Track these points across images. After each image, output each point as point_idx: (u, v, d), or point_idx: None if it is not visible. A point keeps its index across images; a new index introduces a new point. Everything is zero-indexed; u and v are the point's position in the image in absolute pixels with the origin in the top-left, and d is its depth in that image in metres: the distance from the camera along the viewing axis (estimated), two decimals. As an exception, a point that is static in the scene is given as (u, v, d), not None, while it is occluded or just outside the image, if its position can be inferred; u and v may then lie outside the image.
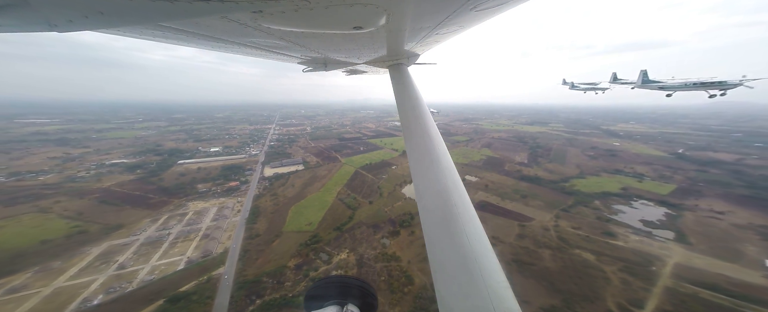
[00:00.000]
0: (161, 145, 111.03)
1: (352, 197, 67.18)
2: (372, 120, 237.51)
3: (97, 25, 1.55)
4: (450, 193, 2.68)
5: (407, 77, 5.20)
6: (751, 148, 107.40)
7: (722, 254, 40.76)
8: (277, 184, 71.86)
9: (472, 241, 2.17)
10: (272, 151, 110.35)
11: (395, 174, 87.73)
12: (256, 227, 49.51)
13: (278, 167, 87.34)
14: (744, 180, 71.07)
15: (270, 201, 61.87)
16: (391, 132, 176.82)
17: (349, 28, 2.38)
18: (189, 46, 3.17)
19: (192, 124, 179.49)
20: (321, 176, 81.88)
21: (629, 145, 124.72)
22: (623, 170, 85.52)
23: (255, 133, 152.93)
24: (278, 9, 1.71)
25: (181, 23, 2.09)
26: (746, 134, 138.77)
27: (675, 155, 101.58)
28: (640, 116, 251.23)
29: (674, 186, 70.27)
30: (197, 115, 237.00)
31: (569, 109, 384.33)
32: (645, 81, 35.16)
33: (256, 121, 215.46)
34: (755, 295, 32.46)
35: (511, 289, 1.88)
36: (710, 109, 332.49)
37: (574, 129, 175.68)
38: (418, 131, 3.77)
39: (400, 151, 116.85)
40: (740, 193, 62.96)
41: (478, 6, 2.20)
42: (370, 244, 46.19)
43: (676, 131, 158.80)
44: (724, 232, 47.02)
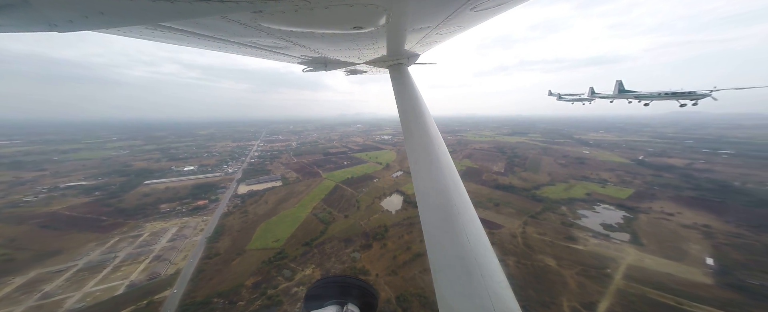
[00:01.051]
0: (130, 166, 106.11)
1: (327, 212, 66.16)
2: (360, 134, 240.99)
3: (97, 25, 1.57)
4: (450, 193, 2.67)
5: (407, 77, 5.15)
6: (700, 154, 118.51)
7: (669, 254, 43.14)
8: (249, 202, 69.77)
9: (472, 241, 2.16)
10: (251, 168, 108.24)
11: (376, 187, 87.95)
12: (217, 246, 47.12)
13: (254, 184, 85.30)
14: (691, 183, 77.51)
15: (238, 219, 59.61)
16: (377, 146, 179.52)
17: (349, 28, 2.39)
18: (189, 46, 3.13)
19: (170, 143, 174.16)
20: (298, 192, 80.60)
21: (597, 152, 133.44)
22: (589, 177, 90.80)
23: (236, 150, 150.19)
24: (278, 9, 1.72)
25: (181, 23, 2.09)
26: (696, 141, 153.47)
27: (635, 161, 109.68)
28: (609, 126, 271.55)
29: (632, 190, 75.11)
30: (178, 133, 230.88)
31: (547, 120, 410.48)
32: (621, 91, 36.28)
33: (240, 137, 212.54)
34: (697, 292, 34.10)
35: (511, 289, 1.88)
36: (669, 119, 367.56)
37: (550, 139, 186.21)
38: (418, 131, 3.73)
39: (384, 165, 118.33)
40: (688, 195, 68.26)
41: (478, 6, 2.20)
42: (339, 259, 45.00)
43: (638, 139, 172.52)
44: (672, 233, 50.11)
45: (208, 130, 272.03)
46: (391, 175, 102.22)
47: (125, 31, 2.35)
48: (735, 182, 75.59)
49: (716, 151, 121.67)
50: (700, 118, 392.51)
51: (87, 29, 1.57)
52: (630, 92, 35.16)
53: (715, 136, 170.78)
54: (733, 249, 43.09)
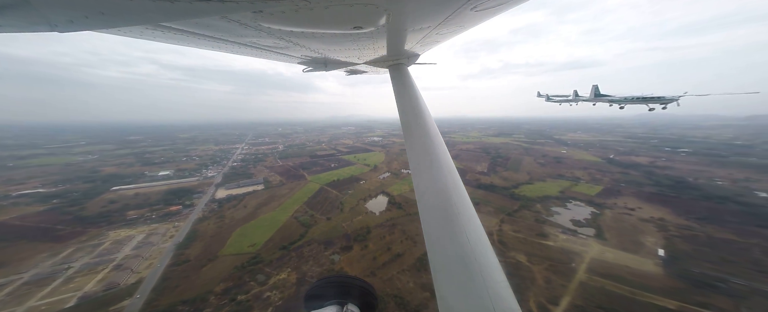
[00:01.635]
0: (97, 171, 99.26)
1: (309, 214, 65.19)
2: (350, 136, 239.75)
3: (97, 25, 1.56)
4: (450, 192, 2.64)
5: (407, 77, 5.11)
6: (662, 152, 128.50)
7: (628, 247, 46.25)
8: (227, 206, 67.37)
9: (472, 241, 2.15)
10: (233, 172, 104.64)
11: (362, 189, 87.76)
12: (187, 252, 45.09)
13: (234, 188, 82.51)
14: (652, 179, 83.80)
15: (214, 224, 57.36)
16: (366, 148, 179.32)
17: (349, 28, 2.38)
18: (189, 46, 3.10)
19: (146, 147, 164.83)
20: (280, 195, 78.83)
21: (573, 152, 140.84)
22: (564, 175, 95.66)
23: (219, 154, 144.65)
24: (278, 9, 1.71)
25: (182, 23, 2.08)
26: (661, 140, 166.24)
27: (606, 160, 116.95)
28: (586, 127, 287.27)
29: (601, 187, 79.96)
30: (156, 137, 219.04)
31: (531, 121, 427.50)
32: (597, 95, 37.58)
33: (224, 141, 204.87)
34: (648, 282, 36.51)
35: (511, 288, 1.87)
36: (640, 120, 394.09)
37: (532, 139, 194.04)
38: (418, 131, 3.70)
39: (372, 167, 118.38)
40: (648, 191, 73.71)
41: (478, 6, 2.20)
42: (318, 261, 44.44)
43: (611, 139, 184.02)
44: (631, 227, 53.81)
45: (189, 133, 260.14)
46: (378, 177, 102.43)
47: (125, 31, 2.33)
48: (689, 178, 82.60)
49: (676, 149, 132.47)
50: (668, 118, 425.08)
51: (87, 29, 1.58)
52: (605, 96, 36.65)
53: (677, 135, 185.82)
54: (682, 240, 46.98)
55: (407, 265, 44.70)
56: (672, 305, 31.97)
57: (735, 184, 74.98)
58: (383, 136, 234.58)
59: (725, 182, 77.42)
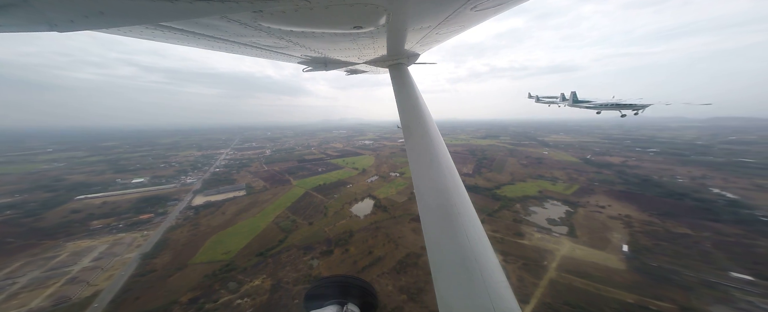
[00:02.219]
0: (63, 180, 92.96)
1: (290, 220, 63.87)
2: (341, 140, 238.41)
3: (97, 25, 1.56)
4: (450, 192, 2.66)
5: (407, 77, 5.09)
6: (633, 152, 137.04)
7: (596, 243, 48.58)
8: (203, 213, 64.83)
9: (472, 241, 2.15)
10: (214, 178, 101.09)
11: (349, 192, 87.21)
12: (154, 262, 42.92)
13: (213, 195, 79.63)
14: (622, 178, 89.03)
15: (187, 232, 54.93)
16: (356, 151, 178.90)
17: (349, 28, 2.36)
18: (189, 46, 3.06)
19: (121, 153, 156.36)
20: (262, 201, 76.85)
21: (554, 153, 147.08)
22: (544, 175, 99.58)
23: (201, 160, 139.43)
24: (278, 9, 1.71)
25: (182, 23, 2.07)
26: (633, 141, 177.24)
27: (584, 160, 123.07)
28: (568, 128, 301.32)
29: (577, 186, 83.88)
30: (135, 142, 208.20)
31: (517, 124, 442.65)
32: (575, 101, 38.87)
33: (208, 146, 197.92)
34: (612, 277, 38.36)
35: (510, 288, 1.90)
36: (616, 122, 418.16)
37: (517, 141, 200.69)
38: (418, 131, 3.70)
39: (360, 170, 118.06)
40: (618, 189, 78.16)
41: (478, 6, 2.19)
42: (295, 267, 43.46)
43: (590, 140, 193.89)
44: (601, 224, 56.67)
45: (172, 138, 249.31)
46: (366, 180, 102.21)
47: (125, 31, 2.33)
48: (654, 176, 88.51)
49: (646, 149, 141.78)
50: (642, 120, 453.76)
51: (87, 29, 1.57)
52: (583, 102, 38.15)
53: (647, 136, 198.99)
54: (644, 235, 50.00)
55: (387, 268, 44.62)
56: (631, 299, 33.74)
57: (693, 182, 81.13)
58: (374, 139, 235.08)
59: (685, 180, 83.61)
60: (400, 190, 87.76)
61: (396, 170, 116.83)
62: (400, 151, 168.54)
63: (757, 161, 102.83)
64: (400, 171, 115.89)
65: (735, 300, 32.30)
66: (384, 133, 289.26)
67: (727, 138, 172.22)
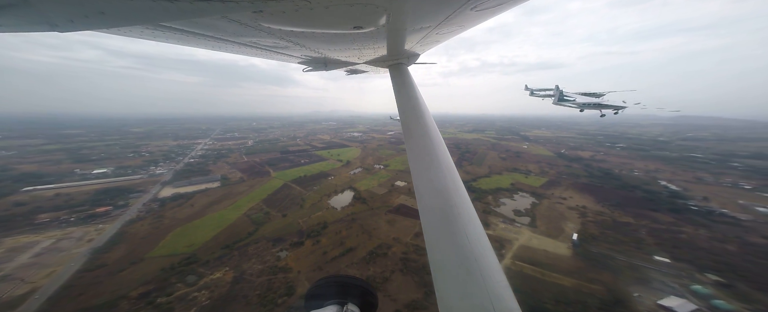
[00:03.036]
0: (10, 170, 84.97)
1: (264, 212, 63.17)
2: (329, 131, 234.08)
3: (98, 25, 1.52)
4: (450, 192, 2.64)
5: (407, 77, 5.09)
6: (603, 147, 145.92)
7: (551, 233, 52.31)
8: (170, 206, 62.47)
9: (472, 241, 2.14)
10: (187, 169, 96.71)
11: (330, 184, 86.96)
12: (106, 257, 41.42)
13: (184, 186, 76.55)
14: (588, 171, 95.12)
15: (148, 225, 52.96)
16: (343, 143, 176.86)
17: (349, 28, 2.37)
18: (189, 46, 3.03)
19: (85, 142, 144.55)
20: (237, 193, 75.02)
21: (533, 147, 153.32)
22: (519, 168, 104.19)
23: (176, 150, 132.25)
24: (278, 9, 1.71)
25: (182, 23, 2.04)
26: (606, 137, 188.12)
27: (558, 154, 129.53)
28: (550, 124, 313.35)
29: (547, 179, 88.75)
30: (102, 131, 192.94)
31: (504, 119, 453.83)
32: (560, 99, 39.85)
33: (185, 135, 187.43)
34: (558, 264, 41.50)
35: (510, 288, 1.89)
36: (595, 118, 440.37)
37: (501, 135, 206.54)
38: (418, 131, 3.68)
39: (345, 162, 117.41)
40: (582, 182, 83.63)
41: (478, 6, 2.19)
42: (262, 259, 43.56)
43: (567, 135, 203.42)
44: (560, 214, 60.90)
45: (146, 127, 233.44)
46: (349, 173, 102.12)
47: (126, 31, 2.29)
48: (615, 170, 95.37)
49: (614, 144, 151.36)
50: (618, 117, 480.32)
51: (87, 29, 1.54)
52: (567, 100, 39.63)
53: (618, 132, 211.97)
54: (594, 225, 54.46)
55: (357, 258, 45.84)
56: (569, 283, 37.08)
57: (647, 174, 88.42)
58: (364, 131, 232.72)
59: (640, 173, 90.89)
60: (382, 182, 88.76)
61: (381, 162, 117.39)
62: (387, 144, 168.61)
63: (704, 156, 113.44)
64: (384, 163, 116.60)
65: (650, 280, 36.56)
66: (374, 125, 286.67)
67: (685, 135, 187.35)
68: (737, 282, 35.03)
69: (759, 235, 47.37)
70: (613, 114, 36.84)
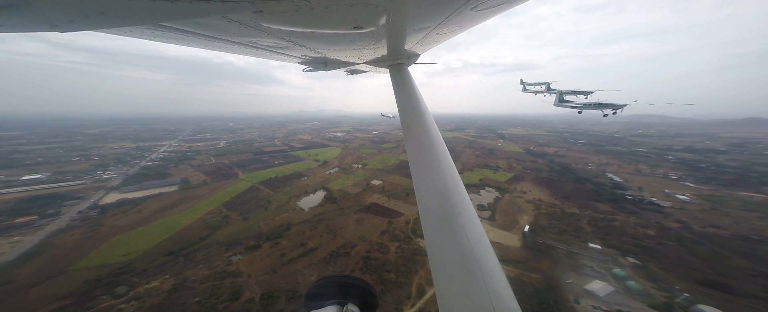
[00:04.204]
0: None
1: (222, 215, 59.94)
2: (311, 131, 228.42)
3: (98, 25, 1.52)
4: (450, 192, 2.62)
5: (407, 77, 5.07)
6: (567, 143, 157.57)
7: (507, 225, 55.18)
8: (113, 213, 57.10)
9: (472, 241, 2.12)
10: (142, 172, 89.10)
11: (301, 185, 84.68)
12: (17, 272, 36.94)
13: (133, 192, 70.39)
14: (549, 166, 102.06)
15: (80, 234, 48.02)
16: (324, 143, 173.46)
17: (349, 28, 2.34)
18: (189, 46, 3.07)
19: (20, 144, 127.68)
20: (196, 197, 70.45)
21: (506, 144, 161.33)
22: (489, 165, 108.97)
23: (133, 152, 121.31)
24: (278, 9, 1.70)
25: (182, 23, 2.04)
26: (571, 134, 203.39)
27: (527, 151, 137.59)
28: (525, 122, 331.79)
29: (512, 174, 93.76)
30: (46, 132, 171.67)
31: (485, 118, 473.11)
32: (561, 101, 39.91)
33: (148, 137, 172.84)
34: (507, 255, 43.63)
35: (511, 288, 1.84)
36: (565, 117, 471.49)
37: (479, 134, 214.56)
38: (418, 131, 3.66)
39: (321, 162, 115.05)
40: (543, 176, 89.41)
41: (479, 6, 2.16)
42: (210, 264, 41.21)
43: (539, 133, 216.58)
44: (517, 208, 64.53)
45: (103, 128, 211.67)
46: (324, 173, 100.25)
47: (126, 31, 2.29)
48: (572, 164, 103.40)
49: (577, 141, 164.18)
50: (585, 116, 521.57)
51: (88, 29, 1.52)
52: (567, 102, 39.87)
53: (583, 130, 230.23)
54: (545, 216, 58.42)
55: (318, 258, 44.99)
56: (512, 273, 39.24)
57: (598, 168, 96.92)
58: (348, 131, 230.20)
59: (593, 166, 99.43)
60: (357, 182, 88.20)
61: (359, 162, 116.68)
62: (370, 143, 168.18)
63: (646, 151, 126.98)
64: (363, 162, 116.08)
65: (582, 266, 39.98)
66: (360, 125, 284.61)
67: (636, 132, 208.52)
68: (649, 263, 39.43)
69: (674, 220, 53.84)
70: (612, 113, 36.55)
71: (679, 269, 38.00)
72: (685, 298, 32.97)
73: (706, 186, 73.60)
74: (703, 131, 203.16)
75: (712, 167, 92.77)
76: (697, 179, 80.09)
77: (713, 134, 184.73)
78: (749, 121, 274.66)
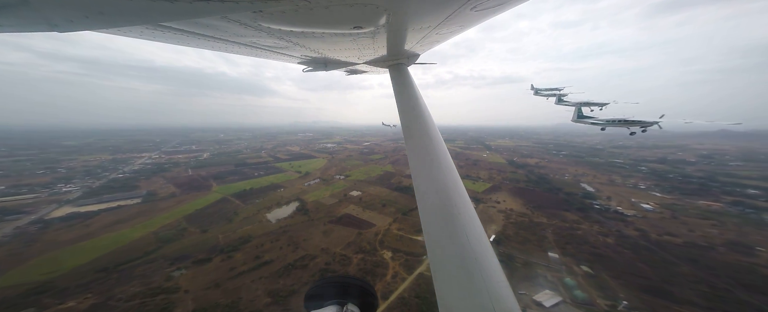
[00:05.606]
0: None
1: (180, 228, 56.90)
2: (301, 143, 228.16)
3: (97, 25, 1.52)
4: (450, 192, 2.62)
5: (407, 77, 5.05)
6: (549, 154, 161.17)
7: None
8: (57, 227, 53.54)
9: (472, 241, 2.12)
10: (108, 185, 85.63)
11: (276, 197, 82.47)
12: None
13: (90, 205, 66.74)
14: (527, 177, 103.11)
15: (6, 251, 44.43)
16: (312, 154, 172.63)
17: (349, 28, 2.36)
18: (189, 46, 3.06)
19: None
20: (157, 209, 67.31)
21: (491, 155, 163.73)
22: (470, 175, 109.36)
23: (106, 165, 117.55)
24: (278, 9, 1.70)
25: (182, 23, 2.05)
26: (555, 145, 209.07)
27: (509, 162, 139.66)
28: (513, 134, 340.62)
29: (490, 184, 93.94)
30: (18, 144, 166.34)
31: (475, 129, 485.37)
32: (580, 117, 37.15)
33: (130, 149, 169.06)
34: None
35: (511, 288, 1.84)
36: (551, 129, 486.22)
37: (467, 145, 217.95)
38: (418, 131, 3.65)
39: (303, 173, 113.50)
40: (520, 186, 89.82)
41: (479, 6, 2.17)
42: (146, 280, 38.14)
43: (524, 144, 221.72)
44: (488, 217, 63.63)
45: (84, 139, 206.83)
46: (303, 184, 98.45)
47: (125, 31, 2.29)
48: (550, 174, 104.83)
49: (560, 152, 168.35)
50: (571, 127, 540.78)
51: (87, 29, 1.53)
52: (588, 118, 36.43)
53: (566, 141, 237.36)
54: (513, 226, 57.63)
55: (270, 272, 42.37)
56: None
57: (573, 178, 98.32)
58: (339, 142, 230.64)
59: (569, 177, 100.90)
60: (335, 193, 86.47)
61: (342, 173, 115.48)
62: (358, 154, 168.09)
63: (623, 162, 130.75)
64: (346, 173, 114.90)
65: (536, 276, 38.76)
66: (353, 136, 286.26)
67: (617, 143, 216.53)
68: (601, 272, 38.53)
69: (634, 228, 53.80)
70: (641, 131, 32.83)
71: (628, 277, 37.15)
72: (625, 306, 31.75)
73: (670, 195, 74.96)
74: (678, 143, 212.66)
75: (679, 177, 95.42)
76: (664, 189, 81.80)
77: (686, 146, 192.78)
78: (720, 134, 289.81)
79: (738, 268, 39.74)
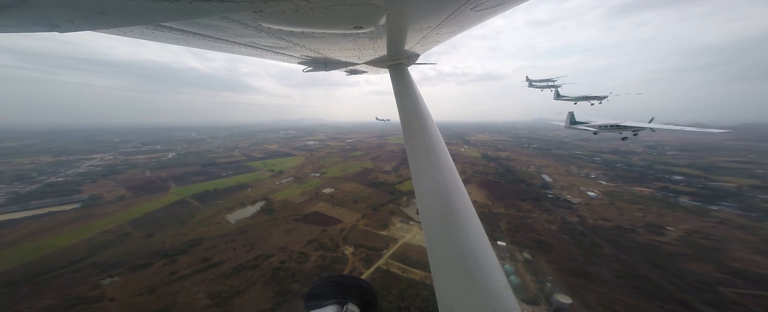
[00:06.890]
0: None
1: (122, 233, 52.41)
2: (281, 141, 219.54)
3: (97, 25, 1.55)
4: (450, 193, 2.65)
5: (407, 77, 5.10)
6: (521, 148, 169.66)
7: None
8: (-36, 238, 46.63)
9: (472, 241, 2.14)
10: (43, 189, 76.69)
11: (241, 197, 78.55)
12: None
13: (15, 212, 59.36)
14: (496, 169, 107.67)
15: None
16: (290, 152, 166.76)
17: (349, 28, 2.38)
18: (189, 46, 3.12)
19: None
20: (98, 214, 61.38)
21: (468, 150, 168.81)
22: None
23: (46, 168, 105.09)
24: (278, 9, 1.73)
25: (182, 23, 2.08)
26: (529, 140, 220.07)
27: (484, 156, 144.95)
28: (493, 129, 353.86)
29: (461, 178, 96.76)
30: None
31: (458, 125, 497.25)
32: (572, 122, 37.00)
33: (81, 150, 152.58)
34: (422, 259, 42.05)
35: (511, 288, 1.84)
36: (529, 124, 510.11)
37: (448, 140, 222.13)
38: (418, 131, 3.69)
39: (276, 172, 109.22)
40: (488, 179, 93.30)
41: (479, 6, 2.20)
42: (64, 291, 35.01)
43: (501, 139, 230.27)
44: None
45: (25, 140, 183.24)
46: (274, 183, 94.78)
47: (126, 31, 2.33)
48: (517, 167, 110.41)
49: (530, 146, 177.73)
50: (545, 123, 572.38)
51: (87, 29, 1.55)
52: (580, 123, 36.14)
53: (539, 136, 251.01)
54: None
55: (217, 274, 40.26)
56: (418, 276, 38.40)
57: (536, 170, 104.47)
58: (322, 140, 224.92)
59: (534, 168, 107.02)
60: (306, 191, 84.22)
61: (317, 171, 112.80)
62: (339, 151, 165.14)
63: (582, 153, 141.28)
64: (322, 171, 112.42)
65: None
66: (337, 133, 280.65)
67: (581, 136, 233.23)
68: (539, 257, 41.33)
69: (576, 215, 58.40)
70: (632, 135, 32.53)
71: (561, 261, 40.14)
72: (550, 288, 34.34)
73: (613, 183, 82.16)
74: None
75: (624, 167, 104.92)
76: (609, 177, 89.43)
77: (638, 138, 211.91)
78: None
79: (648, 246, 44.48)
